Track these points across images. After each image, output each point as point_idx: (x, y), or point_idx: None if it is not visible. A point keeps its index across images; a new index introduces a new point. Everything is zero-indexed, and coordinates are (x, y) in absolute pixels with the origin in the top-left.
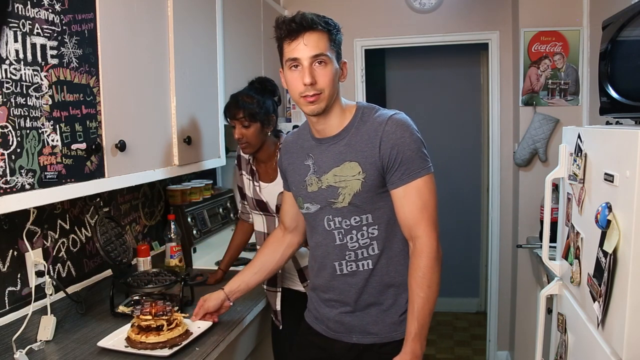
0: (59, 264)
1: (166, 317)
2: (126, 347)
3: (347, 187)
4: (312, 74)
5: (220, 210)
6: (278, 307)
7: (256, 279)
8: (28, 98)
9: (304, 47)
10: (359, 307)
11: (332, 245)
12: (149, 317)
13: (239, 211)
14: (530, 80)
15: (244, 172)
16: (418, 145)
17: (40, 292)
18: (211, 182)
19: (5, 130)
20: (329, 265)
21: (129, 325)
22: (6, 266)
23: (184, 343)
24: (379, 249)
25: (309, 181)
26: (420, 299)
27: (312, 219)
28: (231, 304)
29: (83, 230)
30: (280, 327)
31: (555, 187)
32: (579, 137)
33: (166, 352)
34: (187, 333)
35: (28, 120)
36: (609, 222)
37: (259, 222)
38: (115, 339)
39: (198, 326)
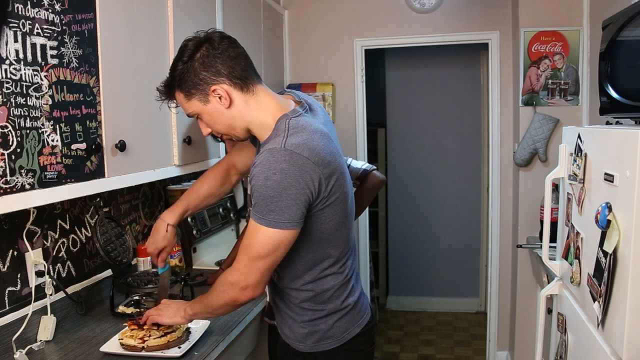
0: (59, 264)
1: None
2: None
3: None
4: (204, 126)
5: (220, 210)
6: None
7: (201, 207)
8: (28, 98)
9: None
10: (277, 305)
11: None
12: (142, 331)
13: (248, 214)
14: (530, 80)
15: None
16: (269, 194)
17: (40, 292)
18: None
19: (5, 130)
20: None
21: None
22: (6, 266)
23: (190, 341)
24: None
25: None
26: (209, 291)
27: None
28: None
29: (83, 230)
30: (271, 322)
31: (555, 187)
32: (579, 137)
33: (176, 352)
34: (188, 333)
35: (28, 120)
36: (609, 222)
37: None
38: (118, 343)
39: (196, 325)
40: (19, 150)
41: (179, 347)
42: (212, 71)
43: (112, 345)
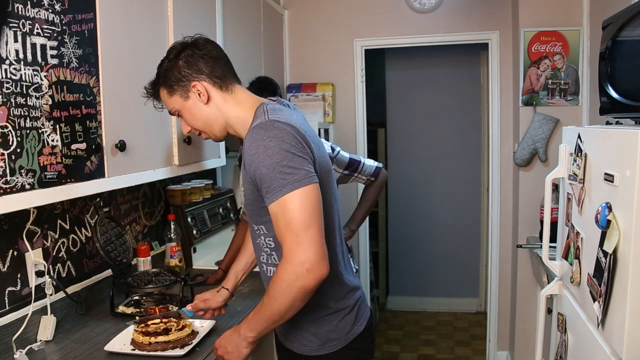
0: (59, 264)
1: (174, 319)
2: (133, 349)
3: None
4: (184, 124)
5: (220, 210)
6: None
7: (250, 269)
8: (28, 98)
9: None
10: None
11: (254, 242)
12: (157, 320)
13: (241, 212)
14: (530, 80)
15: None
16: (275, 160)
17: (40, 292)
18: (211, 182)
19: (5, 130)
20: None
21: (131, 328)
22: (6, 266)
23: (195, 342)
24: (278, 259)
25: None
26: (261, 302)
27: None
28: (233, 298)
29: (83, 230)
30: None
31: (555, 187)
32: (579, 137)
33: (178, 351)
34: (194, 333)
35: (28, 120)
36: (609, 222)
37: None
38: (122, 342)
39: (201, 325)
40: (19, 150)
41: (180, 348)
42: (194, 69)
43: (115, 344)
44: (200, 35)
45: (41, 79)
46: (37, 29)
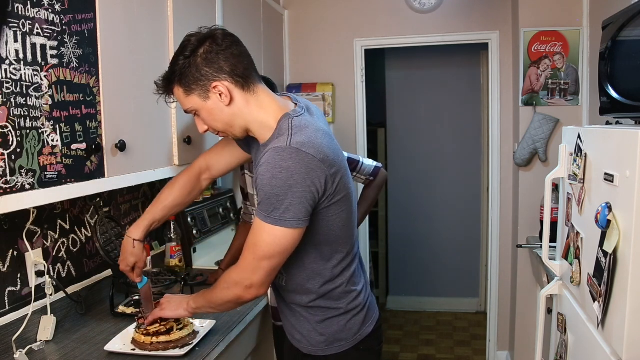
0: (59, 264)
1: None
2: (133, 350)
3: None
4: (200, 123)
5: (220, 210)
6: (275, 304)
7: (168, 217)
8: (28, 98)
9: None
10: (286, 309)
11: None
12: (156, 324)
13: (242, 212)
14: (530, 80)
15: (246, 171)
16: (275, 192)
17: (40, 292)
18: None
19: (5, 130)
20: None
21: (132, 328)
22: (6, 266)
23: (195, 342)
24: (285, 268)
25: None
26: (213, 286)
27: None
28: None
29: (83, 230)
30: (278, 324)
31: (555, 187)
32: (579, 137)
33: (178, 351)
34: (194, 333)
35: (28, 120)
36: (609, 222)
37: None
38: (122, 342)
39: (202, 325)
40: (19, 150)
41: (180, 348)
42: (215, 67)
43: (115, 344)
44: (216, 27)
45: (41, 79)
46: (37, 29)
